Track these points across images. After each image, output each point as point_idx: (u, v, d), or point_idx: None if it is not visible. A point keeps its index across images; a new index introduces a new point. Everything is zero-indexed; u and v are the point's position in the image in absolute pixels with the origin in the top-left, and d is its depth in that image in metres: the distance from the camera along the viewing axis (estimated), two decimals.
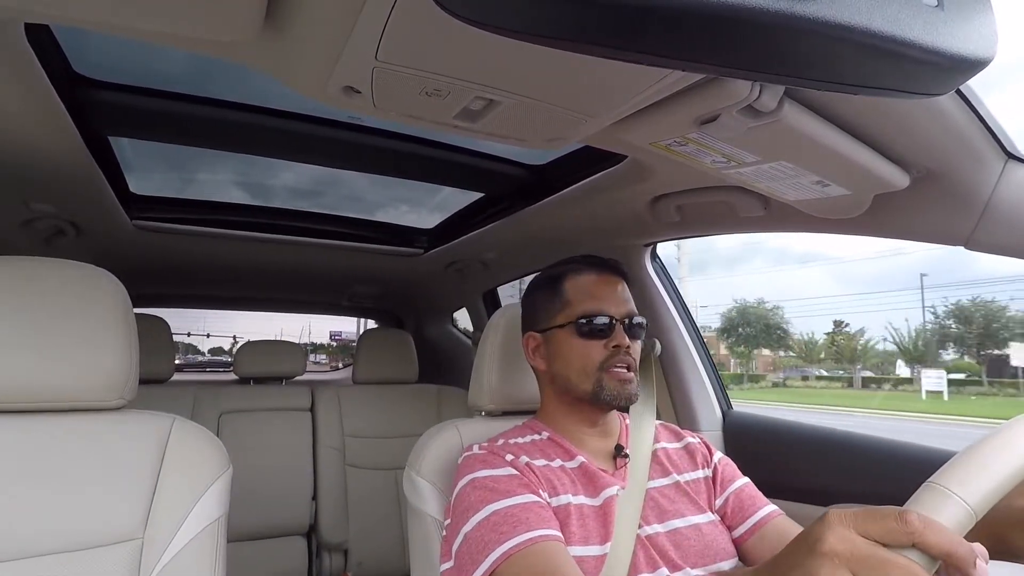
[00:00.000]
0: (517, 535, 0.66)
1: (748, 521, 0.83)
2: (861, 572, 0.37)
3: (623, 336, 0.83)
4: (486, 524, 0.70)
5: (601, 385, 0.82)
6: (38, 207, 1.25)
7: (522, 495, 0.72)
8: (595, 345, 0.83)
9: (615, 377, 0.82)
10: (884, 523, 0.38)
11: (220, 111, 1.04)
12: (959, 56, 0.34)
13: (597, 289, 0.86)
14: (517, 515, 0.69)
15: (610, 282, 0.88)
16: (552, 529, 0.70)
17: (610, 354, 0.83)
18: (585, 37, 0.31)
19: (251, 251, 1.78)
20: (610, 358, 0.83)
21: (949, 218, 0.84)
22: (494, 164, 1.26)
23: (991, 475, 0.40)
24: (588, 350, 0.83)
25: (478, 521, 0.70)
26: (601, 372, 0.82)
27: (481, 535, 0.69)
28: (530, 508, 0.71)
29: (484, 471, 0.76)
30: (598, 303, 0.85)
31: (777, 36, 0.31)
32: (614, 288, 0.87)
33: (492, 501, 0.71)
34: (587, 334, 0.84)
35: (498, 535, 0.67)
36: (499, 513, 0.70)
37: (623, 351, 0.82)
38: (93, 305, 0.81)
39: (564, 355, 0.85)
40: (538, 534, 0.67)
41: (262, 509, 1.76)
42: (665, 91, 0.63)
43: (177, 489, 0.79)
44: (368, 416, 1.98)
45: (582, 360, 0.83)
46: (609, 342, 0.83)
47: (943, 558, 0.36)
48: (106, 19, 0.56)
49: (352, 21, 0.51)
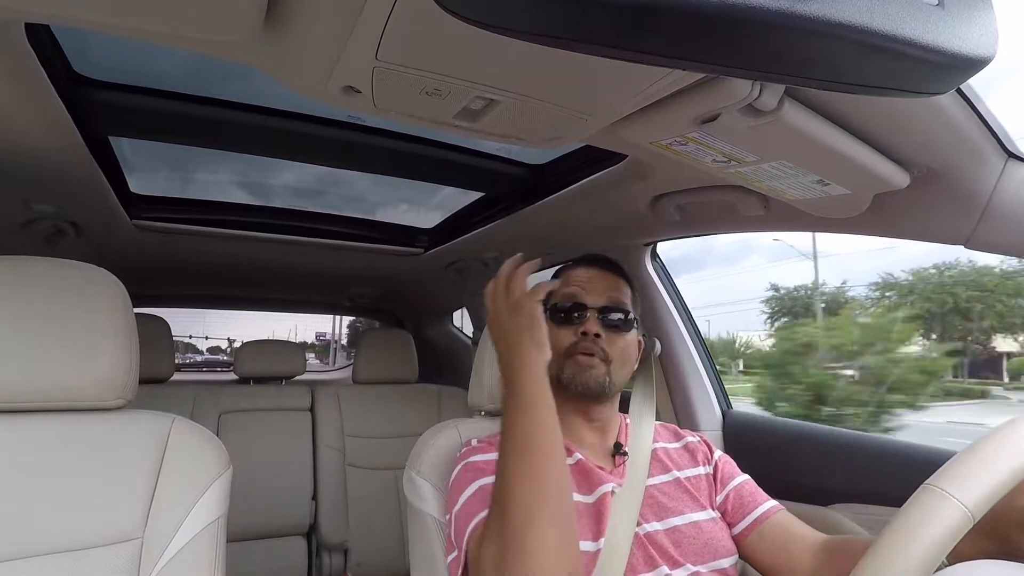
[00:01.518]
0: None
1: (748, 517, 0.83)
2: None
3: (594, 324, 0.84)
4: (472, 499, 0.71)
5: (563, 370, 0.83)
6: (38, 207, 1.25)
7: None
8: (566, 332, 0.85)
9: (576, 362, 0.83)
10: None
11: (220, 111, 1.04)
12: (959, 55, 0.33)
13: (578, 279, 0.89)
14: None
15: (595, 274, 0.89)
16: None
17: (577, 340, 0.84)
18: (585, 37, 0.31)
19: (251, 251, 1.78)
20: (576, 344, 0.84)
21: (949, 217, 0.84)
22: (494, 164, 1.26)
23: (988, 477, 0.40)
24: (559, 336, 0.85)
25: (466, 498, 0.72)
26: (566, 358, 0.84)
27: (468, 510, 0.70)
28: None
29: (478, 456, 0.78)
30: (573, 291, 0.87)
31: (777, 35, 0.31)
32: (596, 279, 0.89)
33: (480, 478, 0.73)
34: (559, 321, 0.86)
35: (484, 505, 0.68)
36: (484, 488, 0.71)
37: (589, 338, 0.83)
38: (93, 305, 0.81)
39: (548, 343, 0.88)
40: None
41: (262, 509, 1.76)
42: (665, 90, 0.63)
43: (177, 489, 0.79)
44: (368, 416, 1.98)
45: (555, 347, 0.85)
46: (579, 329, 0.84)
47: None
48: (106, 19, 0.56)
49: (352, 21, 0.51)
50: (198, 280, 2.17)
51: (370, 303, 2.68)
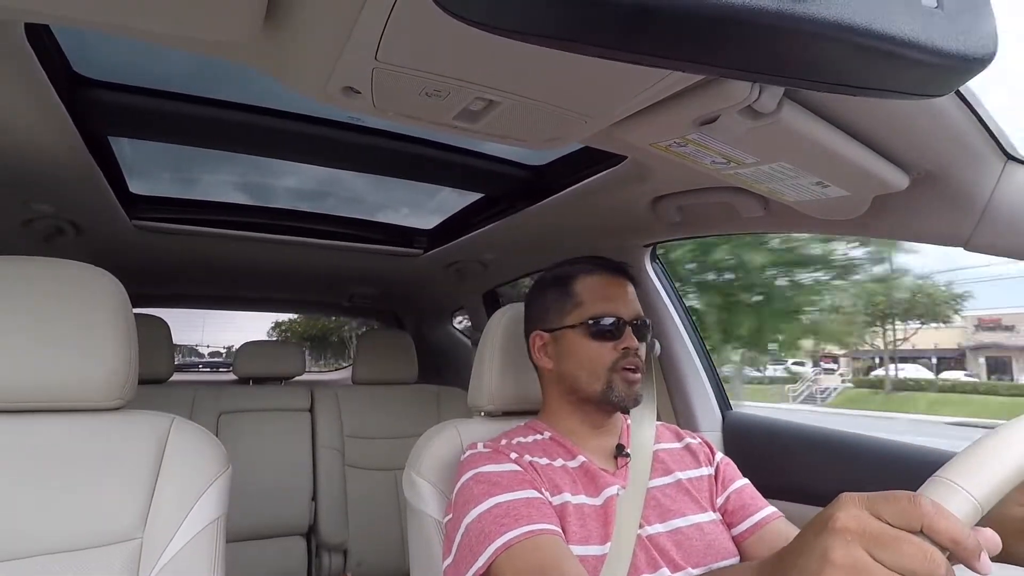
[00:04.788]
0: (519, 527, 0.67)
1: (748, 520, 0.83)
2: (873, 549, 0.36)
3: (632, 338, 0.85)
4: (488, 516, 0.70)
5: (611, 386, 0.83)
6: (38, 207, 1.25)
7: (525, 490, 0.73)
8: (606, 346, 0.84)
9: (625, 379, 0.83)
10: (896, 504, 0.37)
11: (220, 111, 1.04)
12: (959, 57, 0.33)
13: (608, 291, 0.88)
14: (519, 509, 0.70)
15: (620, 284, 0.89)
16: (554, 524, 0.70)
17: (620, 355, 0.84)
18: (585, 37, 0.31)
19: (251, 251, 1.78)
20: (620, 359, 0.84)
21: (949, 219, 0.84)
22: (494, 164, 1.26)
23: (998, 469, 0.40)
24: (599, 351, 0.84)
25: (480, 513, 0.71)
26: (612, 373, 0.84)
27: (483, 526, 0.69)
28: (532, 503, 0.71)
29: (488, 466, 0.77)
30: (610, 304, 0.86)
31: (777, 37, 0.31)
32: (624, 290, 0.89)
33: (495, 494, 0.72)
34: (598, 335, 0.85)
35: (499, 526, 0.68)
36: (501, 506, 0.70)
37: (632, 352, 0.84)
38: (93, 305, 0.81)
39: (575, 355, 0.86)
40: (539, 527, 0.67)
41: (261, 509, 1.76)
42: (665, 91, 0.63)
43: (176, 489, 0.79)
44: (368, 416, 1.97)
45: (592, 361, 0.85)
46: (619, 344, 0.84)
47: (949, 546, 0.35)
48: (106, 19, 0.56)
49: (352, 21, 0.51)
50: (198, 280, 2.17)
51: (370, 304, 2.68)
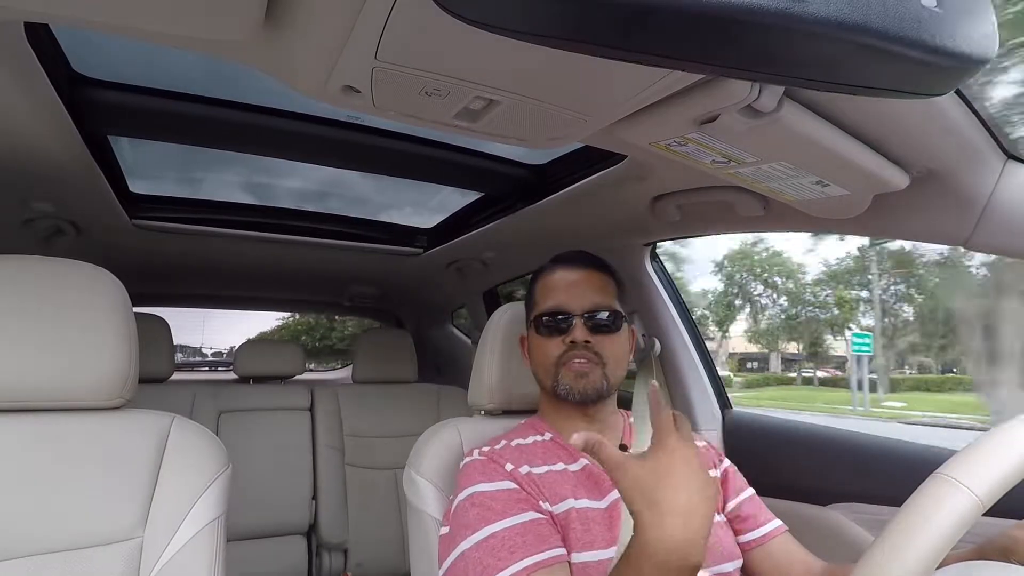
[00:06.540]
0: (514, 562, 0.64)
1: (756, 532, 0.84)
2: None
3: (580, 331, 0.83)
4: (483, 546, 0.67)
5: (558, 380, 0.83)
6: (38, 207, 1.25)
7: (521, 514, 0.70)
8: (553, 341, 0.85)
9: (570, 370, 0.83)
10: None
11: (220, 111, 1.04)
12: (958, 56, 0.34)
13: (558, 284, 0.87)
14: (514, 539, 0.67)
15: (575, 277, 0.88)
16: (552, 550, 0.68)
17: (567, 349, 0.83)
18: (585, 37, 0.31)
19: (251, 251, 1.78)
20: (566, 352, 0.83)
21: (949, 218, 0.84)
22: (494, 164, 1.26)
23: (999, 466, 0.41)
24: (547, 347, 0.85)
25: (475, 542, 0.68)
26: (558, 367, 0.84)
27: (479, 557, 0.67)
28: (529, 528, 0.69)
29: (483, 485, 0.74)
30: (555, 299, 0.86)
31: (777, 37, 0.31)
32: (578, 282, 0.87)
33: (490, 521, 0.69)
34: (545, 331, 0.86)
35: (495, 560, 0.65)
36: (497, 536, 0.68)
37: (580, 345, 0.83)
38: (93, 304, 0.81)
39: (533, 352, 0.89)
40: (533, 561, 0.65)
41: (262, 508, 1.76)
42: (665, 91, 0.63)
43: (176, 488, 0.79)
44: (368, 416, 1.98)
45: (544, 356, 0.86)
46: (567, 337, 0.84)
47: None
48: (106, 19, 0.56)
49: (352, 21, 0.51)
50: (198, 280, 2.17)
51: (370, 303, 2.68)
